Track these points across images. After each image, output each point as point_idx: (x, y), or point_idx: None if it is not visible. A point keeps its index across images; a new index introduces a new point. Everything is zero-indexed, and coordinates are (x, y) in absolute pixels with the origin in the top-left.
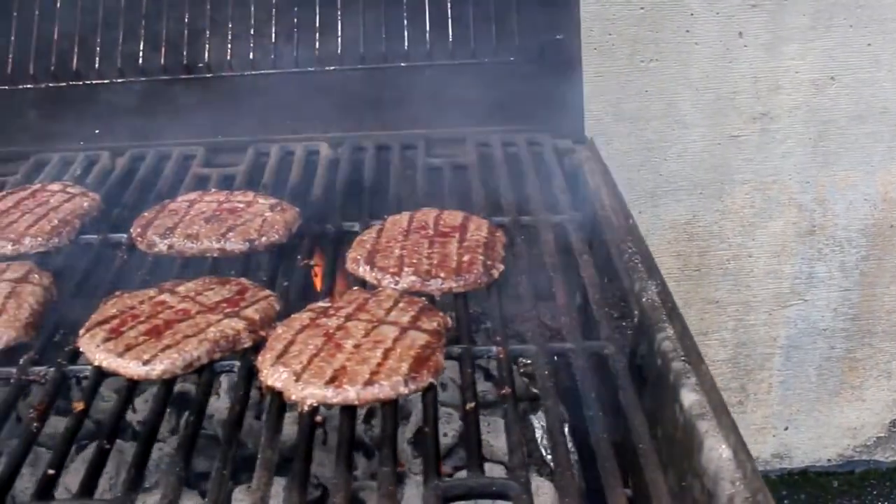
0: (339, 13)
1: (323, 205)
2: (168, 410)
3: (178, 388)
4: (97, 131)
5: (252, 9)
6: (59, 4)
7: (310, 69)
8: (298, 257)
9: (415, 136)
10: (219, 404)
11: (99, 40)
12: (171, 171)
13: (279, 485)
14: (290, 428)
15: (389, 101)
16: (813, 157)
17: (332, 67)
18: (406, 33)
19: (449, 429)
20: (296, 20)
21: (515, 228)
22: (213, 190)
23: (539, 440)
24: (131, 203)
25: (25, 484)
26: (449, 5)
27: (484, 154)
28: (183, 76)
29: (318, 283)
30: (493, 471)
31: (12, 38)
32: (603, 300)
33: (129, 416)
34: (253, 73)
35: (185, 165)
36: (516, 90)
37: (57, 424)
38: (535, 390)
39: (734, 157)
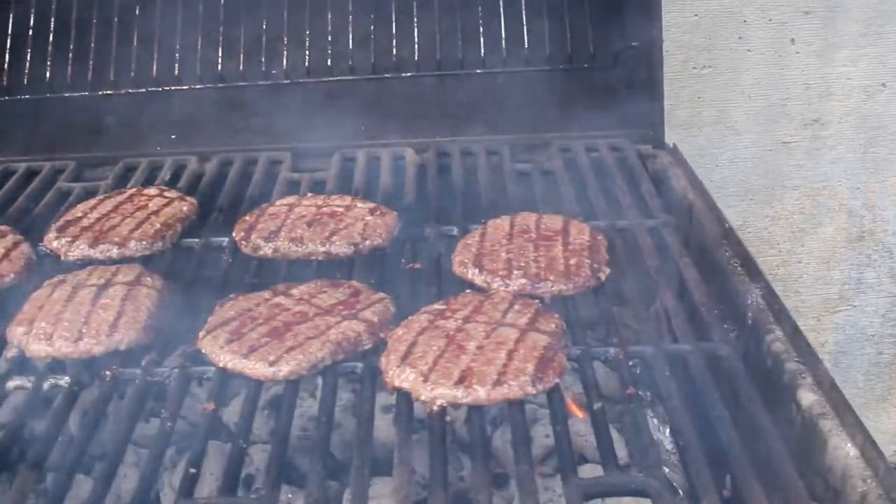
0: (415, 20)
1: (417, 209)
2: (266, 412)
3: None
4: (173, 137)
5: (329, 16)
6: (137, 12)
7: (386, 75)
8: (403, 260)
9: (497, 142)
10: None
11: (178, 46)
12: (260, 176)
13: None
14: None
15: (466, 106)
16: (863, 163)
17: (408, 74)
18: (482, 40)
19: (546, 430)
20: (372, 27)
21: (612, 232)
22: (310, 194)
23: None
24: (226, 207)
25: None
26: (524, 14)
27: (568, 159)
28: (261, 82)
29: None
30: (596, 471)
31: (92, 44)
32: (710, 302)
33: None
34: (330, 79)
35: (273, 170)
36: (595, 96)
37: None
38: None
39: (785, 163)
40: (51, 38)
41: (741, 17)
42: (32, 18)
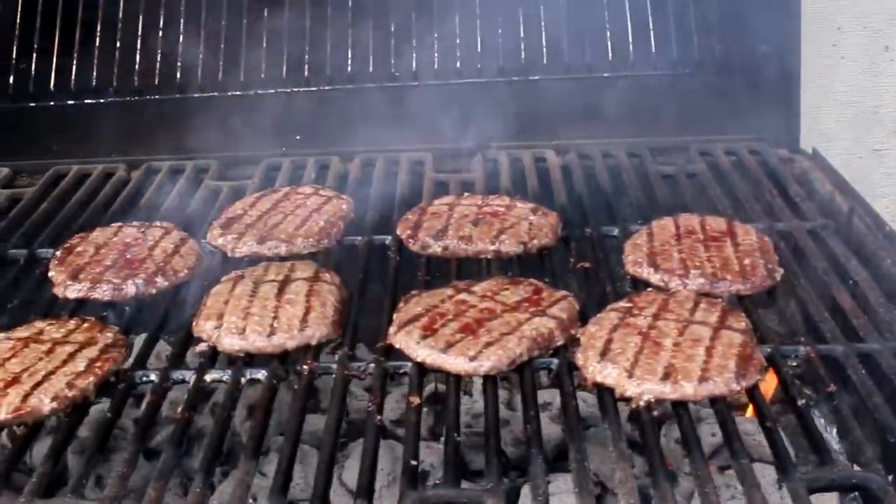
0: (542, 23)
1: (571, 210)
2: (425, 409)
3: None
4: (298, 137)
5: (457, 18)
6: (265, 13)
7: (514, 78)
8: (571, 259)
9: (635, 145)
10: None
11: (307, 48)
12: (405, 176)
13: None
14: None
15: (595, 109)
16: None
17: (536, 77)
18: (609, 44)
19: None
20: (500, 30)
21: (772, 234)
22: (466, 194)
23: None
24: (378, 205)
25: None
26: (650, 18)
27: (710, 162)
28: (388, 83)
29: None
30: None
31: (222, 45)
32: (889, 302)
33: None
34: (459, 81)
35: (417, 170)
36: (728, 100)
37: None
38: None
39: (875, 171)
40: (180, 39)
41: (835, 24)
42: (161, 19)
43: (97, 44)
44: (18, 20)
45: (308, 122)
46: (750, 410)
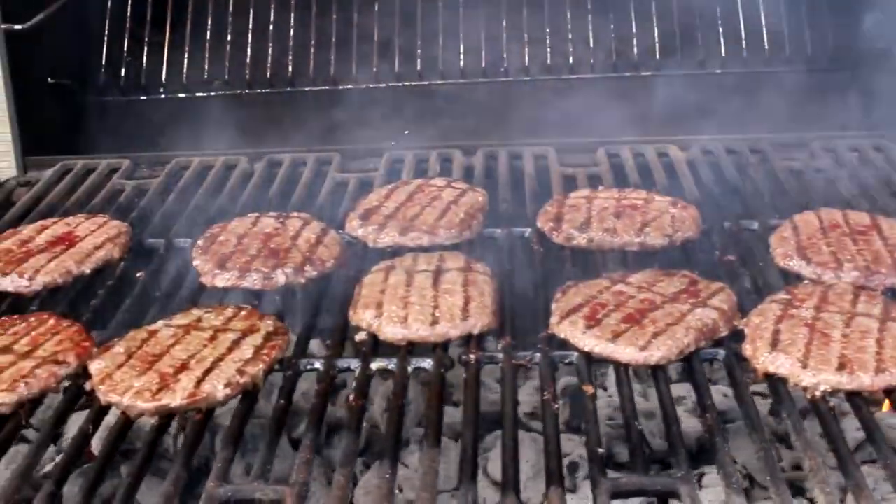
0: (654, 20)
1: (705, 204)
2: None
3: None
4: (406, 132)
5: (568, 13)
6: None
7: (627, 74)
8: (717, 252)
9: (754, 141)
10: None
11: (419, 42)
12: (531, 169)
13: None
14: None
15: (709, 106)
16: None
17: (647, 73)
18: (721, 40)
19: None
20: (612, 26)
21: None
22: (601, 187)
23: None
24: (509, 198)
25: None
26: (762, 14)
27: (836, 159)
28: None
29: None
30: None
31: (333, 40)
32: None
33: None
34: (571, 76)
35: (542, 164)
36: (843, 96)
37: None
38: None
39: None
40: (291, 34)
41: None
42: (272, 17)
43: (207, 38)
44: (129, 15)
45: (417, 115)
46: (886, 405)
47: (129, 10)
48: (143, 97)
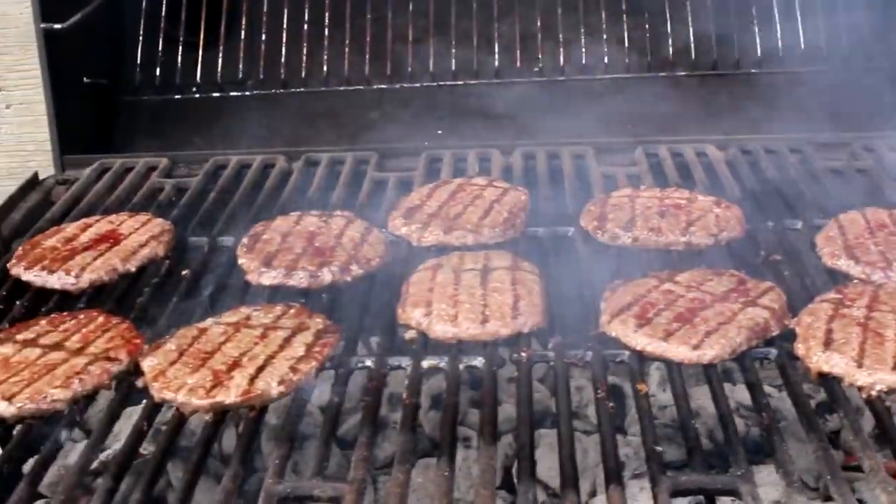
0: (689, 18)
1: (747, 203)
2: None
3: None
4: (440, 132)
5: (603, 13)
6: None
7: (661, 74)
8: (762, 252)
9: (793, 140)
10: None
11: (454, 42)
12: (570, 169)
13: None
14: None
15: (744, 105)
16: None
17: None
18: (757, 39)
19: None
20: (646, 26)
21: None
22: (643, 186)
23: None
24: (552, 196)
25: None
26: (798, 14)
27: (877, 159)
28: (535, 78)
29: None
30: None
31: (367, 39)
32: None
33: None
34: (605, 76)
35: (580, 164)
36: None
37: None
38: None
39: None
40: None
41: None
42: (306, 16)
43: (242, 37)
44: (164, 14)
45: (451, 115)
46: None
47: (163, 9)
48: (177, 96)
